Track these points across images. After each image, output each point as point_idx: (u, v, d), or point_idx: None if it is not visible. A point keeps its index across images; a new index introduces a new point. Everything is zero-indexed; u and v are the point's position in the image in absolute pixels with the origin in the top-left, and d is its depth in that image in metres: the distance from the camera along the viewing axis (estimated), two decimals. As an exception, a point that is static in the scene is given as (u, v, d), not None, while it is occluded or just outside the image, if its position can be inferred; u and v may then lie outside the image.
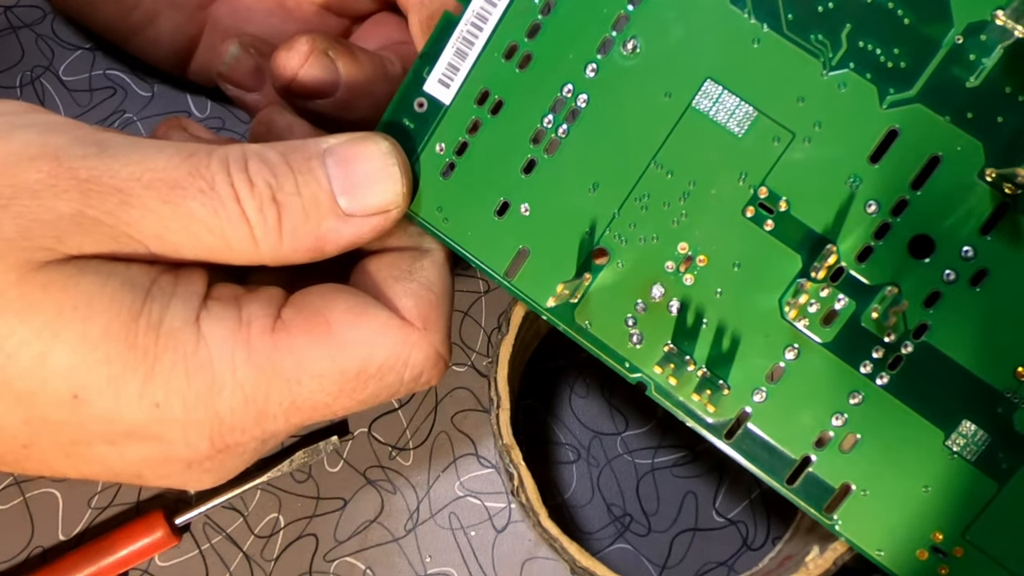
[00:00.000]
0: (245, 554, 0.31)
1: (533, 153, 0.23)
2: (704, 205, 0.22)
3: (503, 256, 0.23)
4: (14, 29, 0.37)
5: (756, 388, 0.22)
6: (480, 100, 0.23)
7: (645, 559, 0.32)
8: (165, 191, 0.21)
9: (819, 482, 0.22)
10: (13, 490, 0.32)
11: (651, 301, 0.23)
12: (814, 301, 0.21)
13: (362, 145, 0.23)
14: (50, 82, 0.36)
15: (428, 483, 0.32)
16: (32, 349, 0.20)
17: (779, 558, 0.29)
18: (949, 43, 0.20)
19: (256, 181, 0.21)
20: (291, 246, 0.22)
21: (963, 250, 0.20)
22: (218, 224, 0.21)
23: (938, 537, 0.21)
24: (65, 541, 0.32)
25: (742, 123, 0.22)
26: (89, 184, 0.20)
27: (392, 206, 0.23)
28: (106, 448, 0.21)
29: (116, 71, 0.36)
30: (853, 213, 0.21)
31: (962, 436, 0.21)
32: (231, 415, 0.22)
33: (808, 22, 0.21)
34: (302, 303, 0.23)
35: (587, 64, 0.22)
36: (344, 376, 0.22)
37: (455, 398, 0.33)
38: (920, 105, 0.20)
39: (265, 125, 0.26)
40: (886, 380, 0.21)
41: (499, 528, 0.32)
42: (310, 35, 0.27)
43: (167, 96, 0.36)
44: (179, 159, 0.21)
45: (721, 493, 0.32)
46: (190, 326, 0.21)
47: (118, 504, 0.32)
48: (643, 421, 0.33)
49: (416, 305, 0.23)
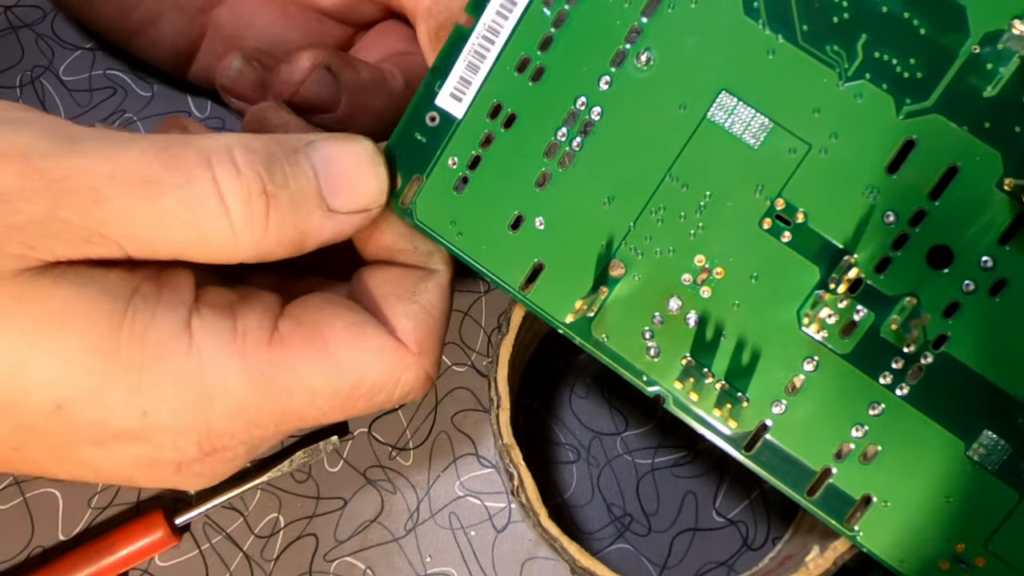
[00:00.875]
0: (245, 554, 0.31)
1: (547, 166, 0.23)
2: (720, 217, 0.22)
3: (518, 270, 0.23)
4: (14, 29, 0.36)
5: (775, 400, 0.22)
6: (493, 114, 0.23)
7: (645, 559, 0.32)
8: (138, 187, 0.20)
9: (840, 493, 0.22)
10: (13, 490, 0.32)
11: (668, 314, 0.22)
12: (833, 313, 0.21)
13: (347, 144, 0.22)
14: (50, 82, 0.36)
15: (428, 483, 0.32)
16: (10, 359, 0.19)
17: (779, 558, 0.29)
18: (966, 53, 0.20)
19: (245, 171, 0.21)
20: (275, 239, 0.21)
21: (982, 260, 0.20)
22: (194, 219, 0.20)
23: (960, 548, 0.21)
24: (65, 541, 0.31)
25: (758, 135, 0.21)
26: (59, 184, 0.19)
27: (374, 205, 0.23)
28: (95, 450, 0.21)
29: (116, 71, 0.36)
30: (871, 224, 0.21)
31: (983, 446, 0.21)
32: (220, 423, 0.22)
33: (823, 33, 0.21)
34: (301, 316, 0.23)
35: (601, 77, 0.22)
36: (336, 394, 0.22)
37: (455, 398, 0.33)
38: (937, 115, 0.20)
39: (259, 123, 0.26)
40: (906, 391, 0.21)
41: (499, 528, 0.32)
42: (312, 50, 0.27)
43: (167, 96, 0.36)
44: (152, 152, 0.20)
45: (721, 493, 0.32)
46: (179, 335, 0.21)
47: (118, 504, 0.32)
48: (643, 421, 0.33)
49: (415, 329, 0.23)
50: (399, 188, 0.24)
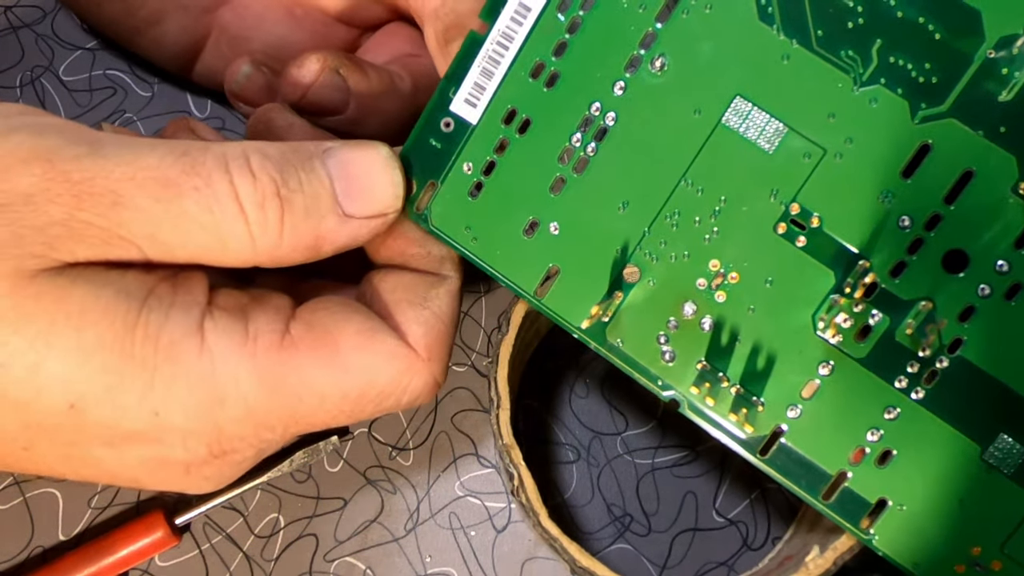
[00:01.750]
0: (245, 554, 0.31)
1: (561, 172, 0.23)
2: (735, 222, 0.22)
3: (533, 275, 0.23)
4: (14, 29, 0.36)
5: (791, 404, 0.22)
6: (507, 119, 0.23)
7: (645, 559, 0.32)
8: (158, 189, 0.20)
9: (855, 497, 0.22)
10: (13, 490, 0.32)
11: (683, 319, 0.22)
12: (848, 317, 0.21)
13: (363, 150, 0.23)
14: (50, 82, 0.36)
15: (428, 483, 0.32)
16: (26, 359, 0.20)
17: (779, 558, 0.29)
18: (981, 57, 0.20)
19: (260, 176, 0.21)
20: (291, 243, 0.22)
21: (997, 264, 0.21)
22: (212, 222, 0.21)
23: (976, 551, 0.21)
24: (65, 541, 0.31)
25: (772, 139, 0.21)
26: (82, 186, 0.20)
27: (390, 210, 0.23)
28: (104, 451, 0.21)
29: (116, 71, 0.36)
30: (886, 228, 0.21)
31: (999, 450, 0.21)
32: (231, 425, 0.22)
33: (838, 38, 0.21)
34: (312, 319, 0.23)
35: (615, 82, 0.22)
36: (345, 398, 0.22)
37: (455, 398, 0.33)
38: (952, 120, 0.20)
39: (264, 124, 0.26)
40: (921, 395, 0.21)
41: (499, 528, 0.32)
42: (320, 53, 0.27)
43: (167, 96, 0.36)
44: (172, 157, 0.21)
45: (721, 493, 0.32)
46: (191, 336, 0.21)
47: (118, 504, 0.32)
48: (643, 421, 0.33)
49: (425, 335, 0.23)
50: (414, 193, 0.24)
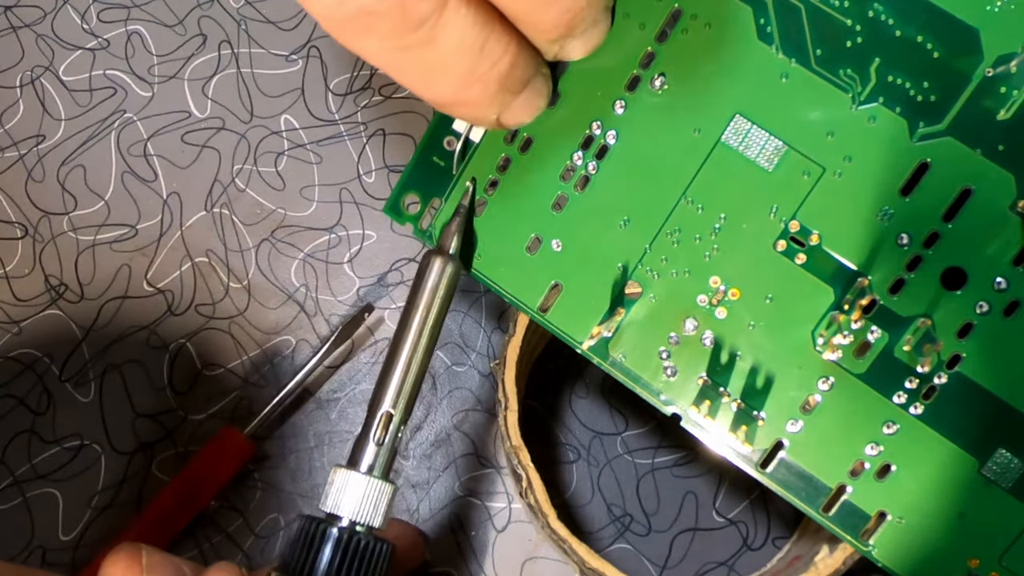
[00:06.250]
0: (245, 554, 0.32)
1: (563, 190, 0.23)
2: (735, 239, 0.22)
3: (536, 291, 0.24)
4: (14, 29, 0.37)
5: (791, 419, 0.22)
6: (510, 138, 0.23)
7: (645, 559, 0.32)
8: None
9: (855, 510, 0.22)
10: (13, 490, 0.32)
11: (684, 334, 0.23)
12: (847, 333, 0.22)
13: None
14: (50, 82, 0.36)
15: (428, 483, 0.32)
16: None
17: (787, 558, 0.30)
18: (979, 76, 0.20)
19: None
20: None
21: (996, 281, 0.21)
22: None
23: (974, 563, 0.22)
24: (65, 541, 0.32)
25: (772, 158, 0.22)
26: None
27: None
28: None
29: (116, 71, 0.36)
30: (885, 246, 0.21)
31: (997, 464, 0.21)
32: None
33: (837, 57, 0.21)
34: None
35: (615, 101, 0.22)
36: None
37: (455, 398, 0.33)
38: (951, 138, 0.20)
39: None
40: (920, 410, 0.21)
41: (499, 528, 0.32)
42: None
43: (167, 96, 0.36)
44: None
45: (721, 493, 0.32)
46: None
47: (118, 504, 0.32)
48: (643, 421, 0.33)
49: None
50: (418, 211, 0.24)
